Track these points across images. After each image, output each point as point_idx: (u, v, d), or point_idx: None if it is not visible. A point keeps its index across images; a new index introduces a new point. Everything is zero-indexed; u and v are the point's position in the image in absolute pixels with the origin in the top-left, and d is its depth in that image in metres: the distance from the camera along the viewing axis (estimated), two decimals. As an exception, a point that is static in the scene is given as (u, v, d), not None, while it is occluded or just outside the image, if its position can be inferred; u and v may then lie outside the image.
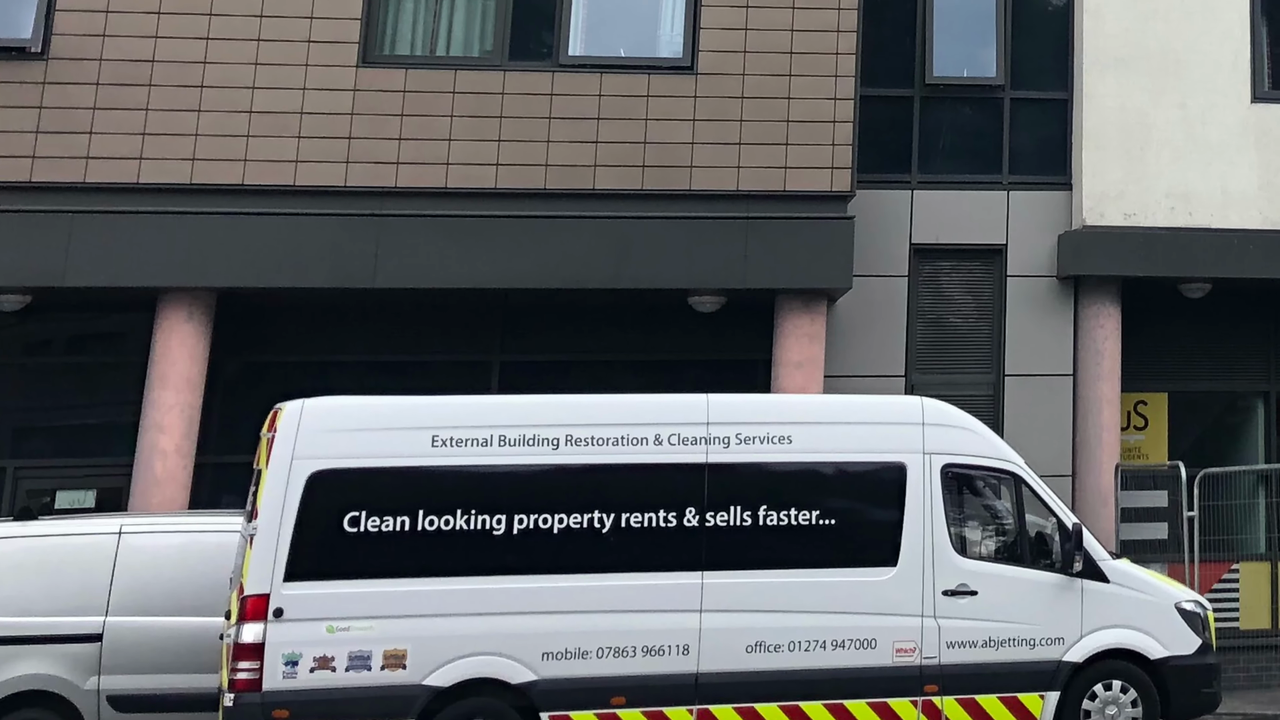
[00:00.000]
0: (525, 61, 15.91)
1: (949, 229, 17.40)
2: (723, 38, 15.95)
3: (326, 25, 15.37)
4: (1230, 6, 17.94)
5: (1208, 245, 17.27)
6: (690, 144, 15.74)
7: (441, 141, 15.33)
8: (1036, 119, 17.88)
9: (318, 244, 14.93)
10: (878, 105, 17.34)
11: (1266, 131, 17.71)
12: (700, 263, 15.57)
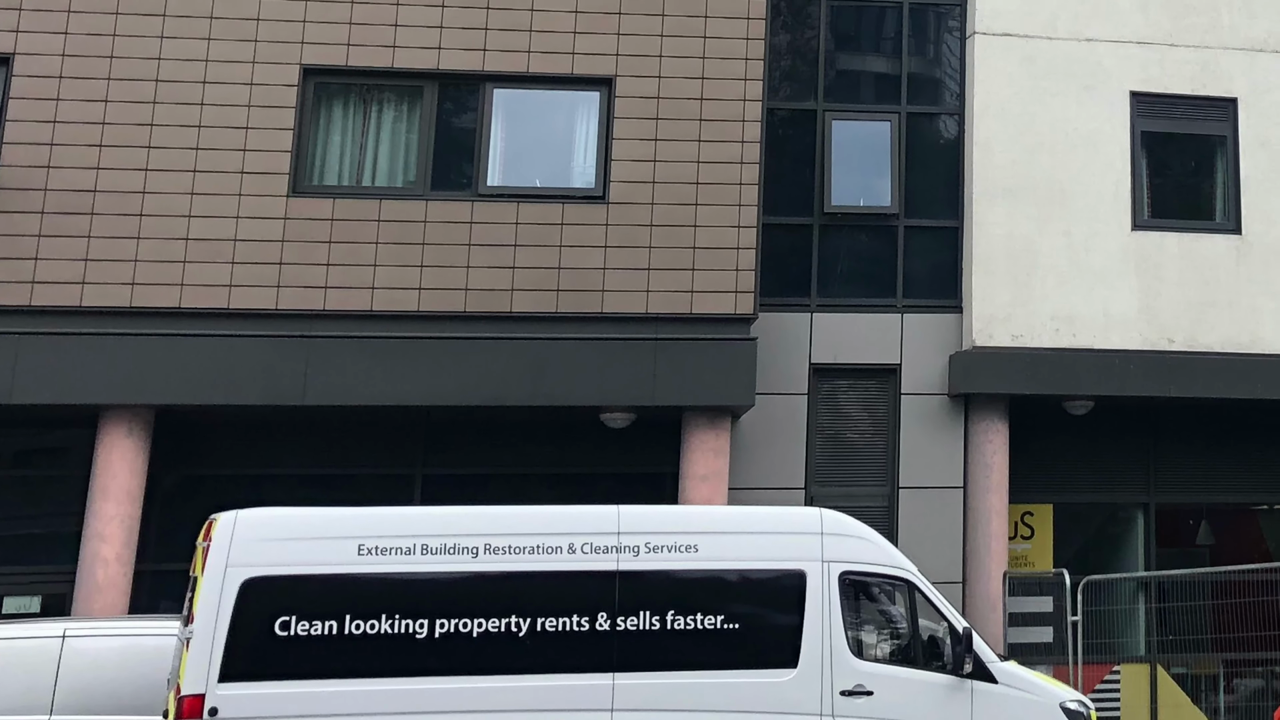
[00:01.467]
0: (446, 191, 17.22)
1: (846, 349, 18.79)
2: (633, 169, 17.31)
3: (259, 157, 16.60)
4: (1112, 140, 19.54)
5: (1091, 365, 18.75)
6: (602, 269, 16.99)
7: (367, 267, 16.56)
8: (929, 245, 19.31)
9: (250, 363, 16.12)
10: (779, 233, 18.79)
11: (1146, 258, 19.26)
12: (611, 381, 16.82)
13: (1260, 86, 20.09)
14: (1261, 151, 19.93)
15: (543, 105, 17.66)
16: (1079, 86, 19.57)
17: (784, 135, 19.24)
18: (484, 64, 17.41)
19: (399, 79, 17.39)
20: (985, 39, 19.46)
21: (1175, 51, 19.96)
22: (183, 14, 16.80)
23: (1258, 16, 20.29)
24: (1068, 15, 19.72)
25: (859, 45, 20.09)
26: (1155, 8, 20.00)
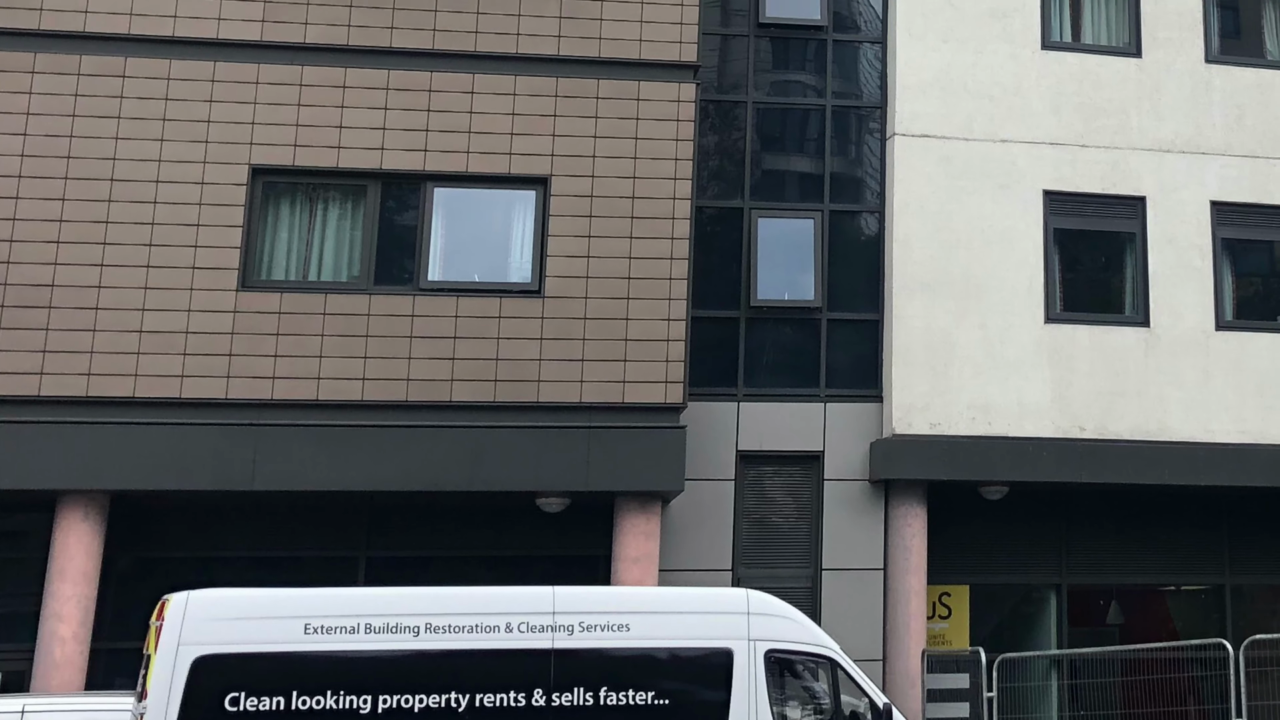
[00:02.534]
0: (389, 286, 18.41)
1: (771, 437, 20.06)
2: (567, 264, 18.56)
3: (209, 253, 17.79)
4: (1025, 236, 20.93)
5: (1005, 452, 20.06)
6: (538, 360, 18.22)
7: (313, 358, 17.76)
8: (851, 338, 20.65)
9: (201, 450, 17.25)
10: (708, 325, 20.10)
11: (1058, 349, 20.63)
12: (547, 468, 18.02)
13: (1168, 185, 21.56)
14: (1169, 248, 21.37)
15: (481, 203, 18.89)
16: (994, 185, 20.98)
17: (712, 232, 20.57)
18: (425, 164, 18.65)
19: (344, 178, 18.63)
20: (904, 140, 20.85)
21: (1086, 152, 21.41)
22: (137, 116, 18.00)
23: (1165, 119, 21.79)
24: (983, 117, 21.13)
25: (784, 146, 21.47)
26: (1067, 110, 21.45)
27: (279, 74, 18.44)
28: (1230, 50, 22.58)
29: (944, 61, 21.22)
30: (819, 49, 21.58)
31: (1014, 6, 21.67)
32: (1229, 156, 21.88)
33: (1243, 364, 21.15)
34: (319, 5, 18.77)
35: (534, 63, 19.08)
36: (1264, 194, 21.91)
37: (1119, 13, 22.28)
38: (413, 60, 18.85)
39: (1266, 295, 22.04)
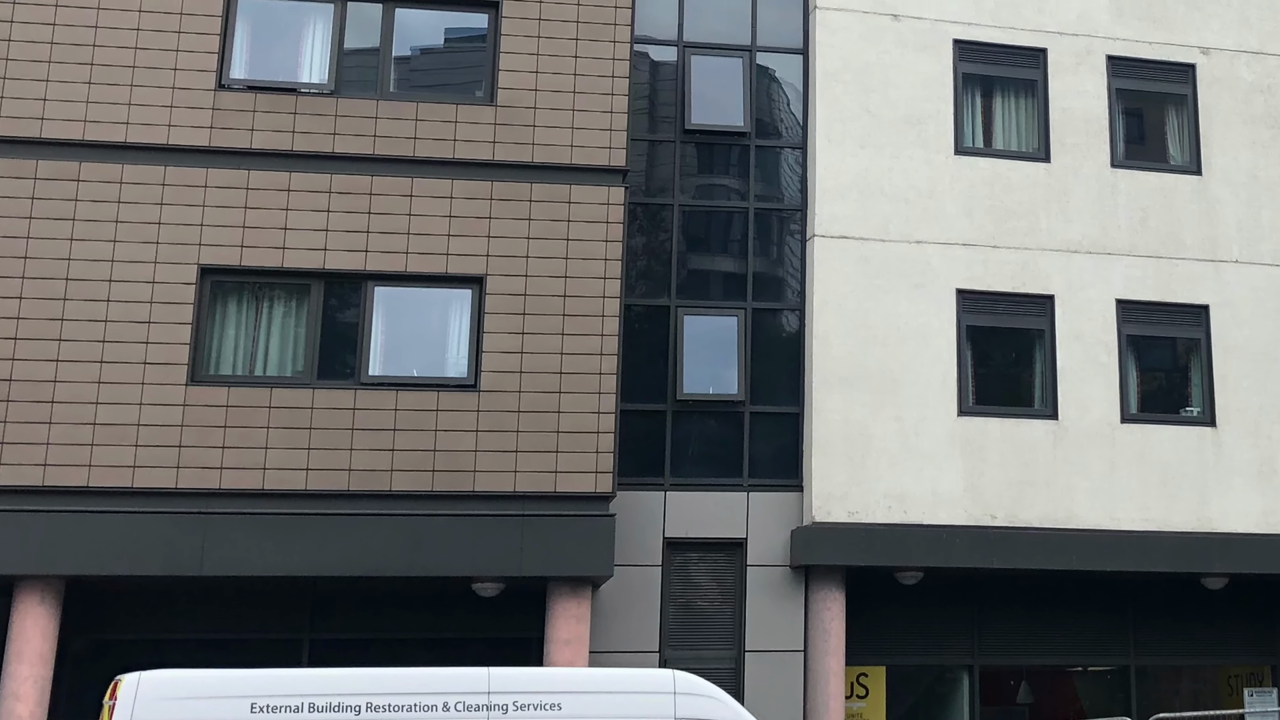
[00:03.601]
0: (332, 380, 19.83)
1: (697, 525, 21.57)
2: (502, 360, 20.01)
3: (160, 349, 19.17)
4: (939, 333, 22.54)
5: (920, 539, 21.59)
6: (474, 451, 19.61)
7: (259, 449, 19.10)
8: (773, 430, 22.15)
9: (152, 538, 18.58)
10: (636, 418, 21.60)
11: (970, 441, 22.20)
12: (482, 554, 19.39)
13: (1075, 284, 23.27)
14: (1076, 344, 23.05)
15: (420, 301, 20.35)
16: (910, 284, 22.60)
17: (640, 328, 22.11)
18: (366, 264, 20.11)
19: (288, 277, 20.07)
20: (824, 241, 22.47)
21: (998, 253, 23.10)
22: (91, 219, 19.43)
23: (1073, 221, 23.54)
24: (899, 219, 22.79)
25: (709, 247, 23.06)
26: (979, 213, 23.16)
27: (227, 178, 19.91)
28: (1135, 155, 24.42)
29: (862, 166, 22.88)
30: (742, 154, 23.23)
31: (928, 114, 23.38)
32: (1134, 257, 23.62)
33: (1147, 455, 22.80)
34: (264, 113, 20.24)
35: (470, 167, 20.60)
36: (1167, 292, 23.66)
37: (1028, 119, 24.05)
38: (354, 165, 20.33)
39: (1169, 389, 23.76)
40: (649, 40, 23.12)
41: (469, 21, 21.52)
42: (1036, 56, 24.20)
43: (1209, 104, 24.69)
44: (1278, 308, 24.01)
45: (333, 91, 20.65)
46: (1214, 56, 24.88)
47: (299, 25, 21.06)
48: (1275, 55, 25.13)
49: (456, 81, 21.44)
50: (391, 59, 21.16)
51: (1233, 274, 23.99)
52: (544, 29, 21.22)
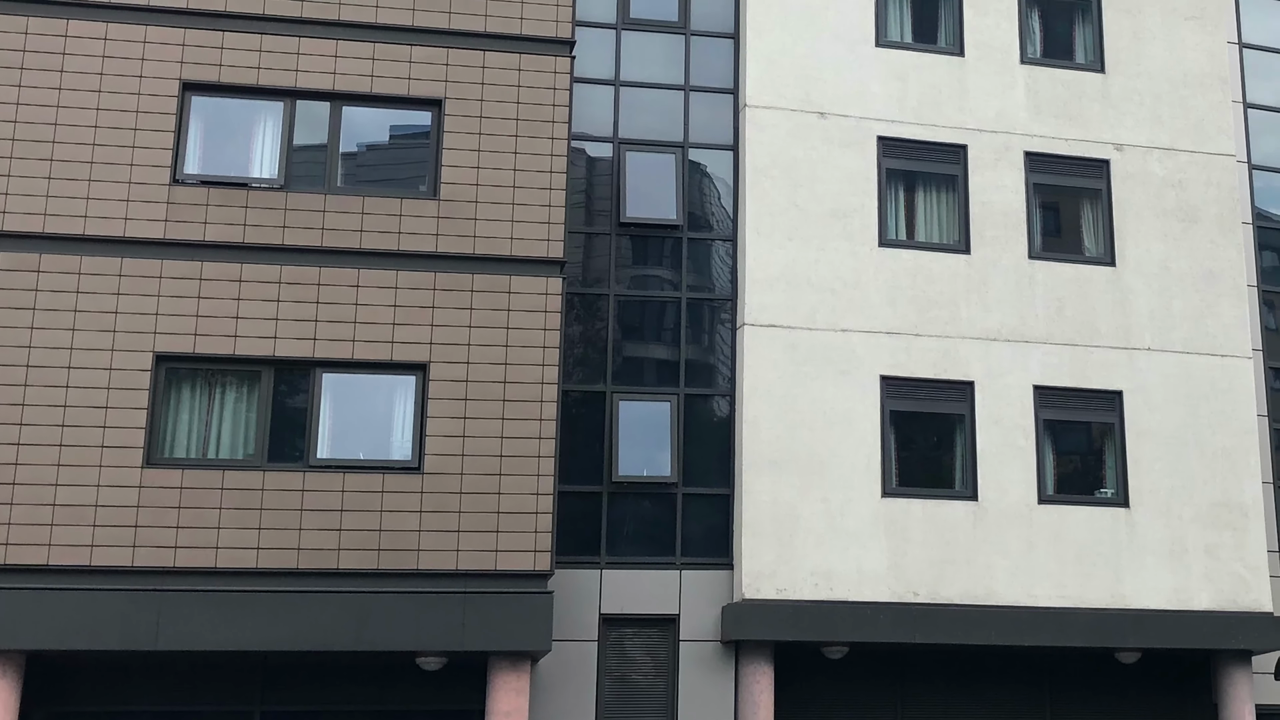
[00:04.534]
0: (281, 463, 21.16)
1: (632, 601, 23.01)
2: (445, 443, 21.39)
3: (116, 433, 20.50)
4: (864, 418, 24.08)
5: (846, 615, 23.04)
6: (418, 531, 20.97)
7: (212, 529, 20.46)
8: (704, 510, 23.63)
9: (109, 613, 19.85)
10: (573, 499, 23.04)
11: (894, 521, 23.71)
12: (426, 630, 20.72)
13: (994, 371, 24.89)
14: (995, 428, 24.63)
15: (366, 387, 21.74)
16: (836, 371, 24.16)
17: (577, 413, 23.55)
18: (314, 351, 21.52)
19: (240, 364, 21.46)
20: (753, 329, 24.01)
21: (920, 340, 24.68)
22: (50, 308, 20.79)
23: (992, 310, 25.17)
24: (825, 309, 24.37)
25: (643, 335, 24.59)
26: (903, 302, 24.76)
27: (181, 269, 21.31)
28: (1052, 247, 26.12)
29: (789, 258, 24.47)
30: (675, 246, 24.81)
31: (853, 207, 25.02)
32: (1050, 345, 25.28)
33: (1063, 534, 24.37)
34: (217, 206, 21.68)
35: (414, 258, 22.06)
36: (1082, 379, 25.31)
37: (949, 213, 25.73)
38: (303, 256, 21.76)
39: (1085, 471, 25.36)
40: (586, 137, 24.72)
41: (413, 119, 23.03)
42: (957, 152, 25.90)
43: (1123, 198, 26.44)
44: (1189, 394, 25.68)
45: (282, 186, 22.09)
46: (1127, 153, 26.66)
47: (250, 123, 22.52)
48: (1186, 151, 26.92)
49: (401, 176, 22.91)
50: (339, 155, 22.64)
51: (1145, 361, 25.67)
52: (485, 126, 22.75)
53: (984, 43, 26.50)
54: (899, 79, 25.87)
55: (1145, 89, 27.09)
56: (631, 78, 25.26)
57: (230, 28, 22.44)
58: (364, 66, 22.69)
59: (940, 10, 26.72)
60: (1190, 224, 26.59)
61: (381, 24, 22.86)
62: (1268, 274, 27.84)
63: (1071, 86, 26.74)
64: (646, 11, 25.64)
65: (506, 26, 23.20)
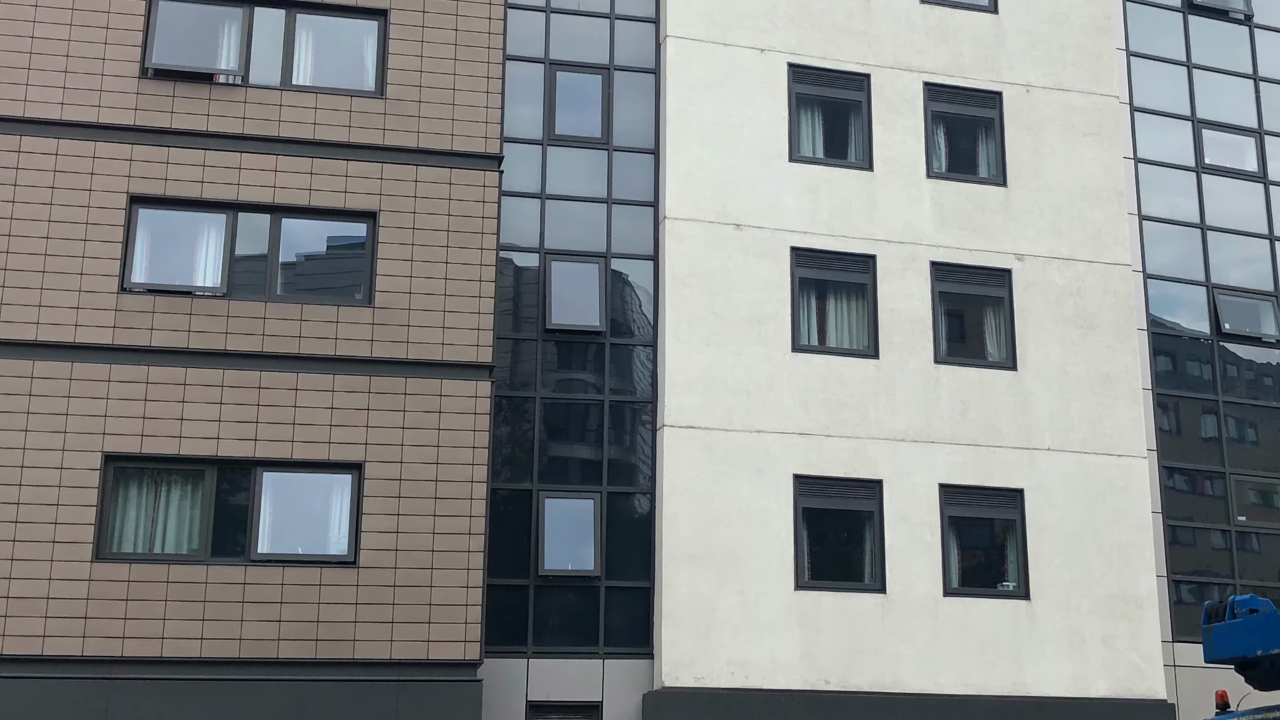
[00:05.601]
0: (224, 557, 22.83)
1: (557, 689, 24.74)
2: (379, 539, 23.09)
3: (67, 529, 22.16)
4: (778, 515, 25.90)
5: (760, 703, 24.80)
6: (354, 623, 22.62)
7: (158, 620, 22.01)
8: (626, 602, 25.33)
9: (60, 701, 21.43)
10: (502, 591, 24.71)
11: (806, 613, 25.47)
12: (361, 717, 22.33)
13: (902, 470, 26.78)
14: (903, 524, 26.50)
15: (305, 485, 23.40)
16: (751, 470, 25.98)
17: (506, 510, 25.27)
18: (255, 451, 23.18)
19: (185, 464, 23.09)
20: (673, 430, 25.81)
21: (831, 441, 26.55)
22: (4, 410, 22.37)
23: (899, 412, 27.10)
24: (741, 411, 26.22)
25: (568, 436, 26.36)
26: (815, 405, 26.65)
27: (128, 373, 22.97)
28: (956, 352, 28.14)
29: (707, 362, 26.32)
30: (598, 351, 26.63)
31: (768, 314, 26.94)
32: (955, 445, 27.22)
33: (967, 625, 26.22)
34: (163, 313, 23.36)
35: (350, 363, 23.82)
36: (985, 478, 27.26)
37: (859, 319, 27.70)
38: (244, 361, 23.47)
39: (987, 566, 27.27)
40: (514, 247, 26.57)
41: (349, 230, 24.84)
42: (867, 262, 27.91)
43: (1024, 305, 28.51)
44: (1087, 492, 27.67)
45: (225, 294, 23.81)
46: (1028, 262, 28.75)
47: (194, 234, 24.26)
48: (1084, 261, 29.04)
49: (338, 285, 24.70)
50: (279, 265, 24.41)
51: (1045, 460, 27.65)
52: (418, 237, 24.58)
53: (892, 158, 28.56)
54: (811, 192, 27.88)
55: (1045, 202, 29.24)
56: (557, 191, 27.13)
57: (175, 144, 24.22)
58: (302, 180, 24.50)
59: (850, 127, 28.80)
60: (1088, 330, 28.67)
61: (319, 140, 24.71)
62: (1161, 378, 29.88)
63: (975, 199, 28.84)
64: (571, 128, 27.55)
65: (438, 143, 25.09)
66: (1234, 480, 29.81)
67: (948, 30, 29.60)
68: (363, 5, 25.61)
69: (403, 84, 25.29)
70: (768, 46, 28.30)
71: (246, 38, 25.14)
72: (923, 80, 29.17)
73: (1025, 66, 29.88)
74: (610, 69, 27.93)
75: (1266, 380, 30.87)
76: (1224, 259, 31.13)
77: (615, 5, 28.27)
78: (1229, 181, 31.72)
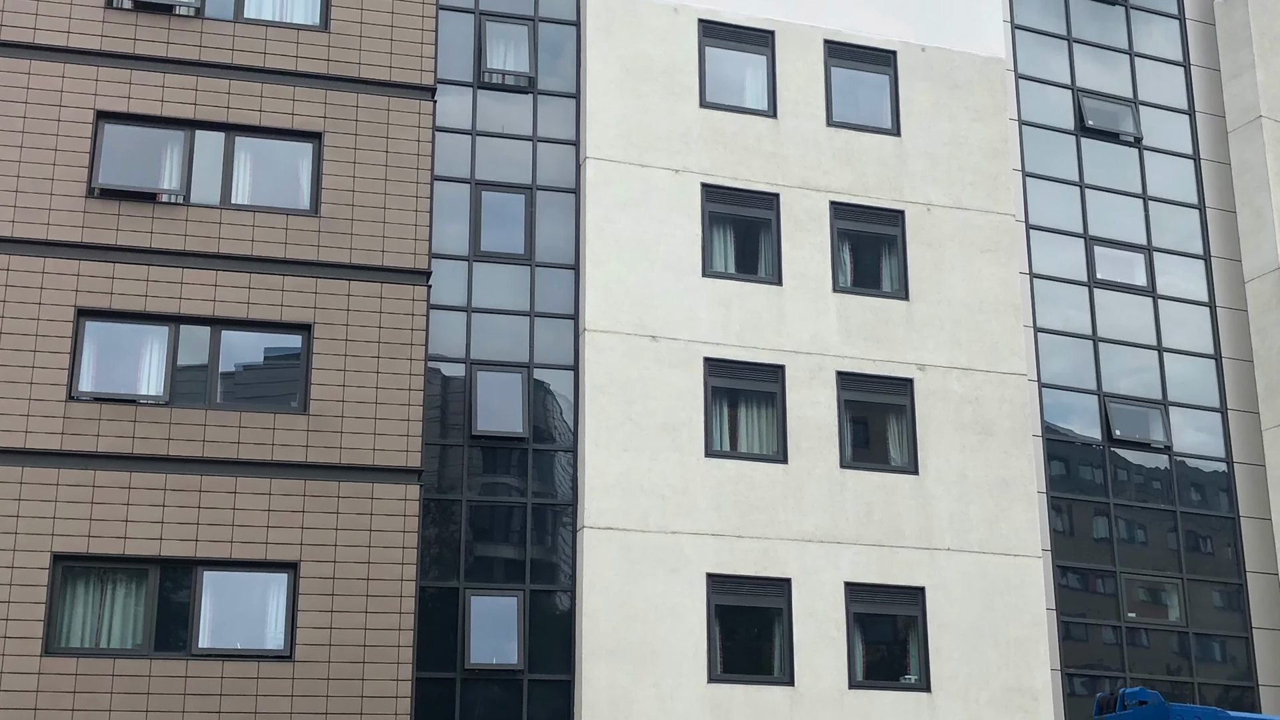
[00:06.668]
0: (167, 652, 24.42)
1: (486, 775, 26.27)
2: (314, 634, 24.77)
3: (16, 625, 23.74)
4: (692, 611, 27.75)
5: (676, 789, 26.42)
6: (289, 714, 24.31)
7: (104, 712, 23.64)
8: (548, 695, 27.13)
9: (12, 788, 22.77)
10: (430, 684, 26.53)
11: (719, 705, 27.36)
12: (298, 801, 23.87)
13: (809, 569, 28.72)
14: (810, 620, 28.43)
15: (244, 583, 25.07)
16: (666, 569, 27.83)
17: (433, 607, 26.99)
18: (196, 551, 24.84)
19: (129, 563, 24.73)
20: (592, 532, 27.66)
21: (742, 541, 28.47)
22: (-41, 512, 23.97)
23: (807, 514, 29.08)
24: (657, 513, 28.11)
25: (493, 536, 28.17)
26: (727, 507, 28.57)
27: (76, 477, 24.63)
28: (861, 457, 30.17)
29: (625, 467, 28.22)
30: (521, 456, 28.49)
31: (682, 421, 28.89)
32: (860, 545, 29.20)
33: (871, 717, 28.17)
34: (109, 420, 25.04)
35: (286, 468, 25.55)
36: (888, 576, 29.24)
37: (769, 426, 29.69)
38: (186, 465, 25.17)
39: (890, 659, 29.20)
40: (441, 358, 28.44)
41: (286, 341, 26.64)
42: (776, 372, 29.95)
43: (925, 413, 30.60)
44: (984, 589, 29.68)
45: (168, 402, 25.54)
46: (929, 372, 30.87)
47: (138, 345, 25.98)
48: (982, 371, 31.19)
49: (274, 393, 26.46)
50: (218, 374, 26.15)
51: (945, 560, 29.67)
52: (350, 349, 26.40)
53: (800, 273, 30.69)
54: (723, 305, 29.93)
55: (945, 315, 31.41)
56: (483, 305, 29.06)
57: (121, 260, 25.97)
58: (241, 295, 26.32)
59: (760, 243, 30.91)
60: (986, 436, 30.78)
61: (257, 256, 26.54)
62: (1055, 481, 32.01)
63: (879, 312, 30.98)
64: (496, 245, 29.52)
65: (369, 259, 26.98)
66: (1124, 578, 31.94)
67: (853, 152, 31.82)
68: (298, 128, 27.51)
69: (336, 203, 27.18)
70: (682, 167, 30.42)
71: (188, 159, 26.97)
72: (829, 199, 31.34)
73: (926, 186, 32.13)
74: (533, 189, 29.96)
75: (1155, 484, 33.05)
76: (1115, 369, 33.38)
77: (538, 128, 30.35)
78: (1119, 295, 34.03)
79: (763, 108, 31.49)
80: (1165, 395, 33.62)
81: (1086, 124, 34.84)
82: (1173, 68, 36.49)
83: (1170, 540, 32.76)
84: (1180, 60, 36.62)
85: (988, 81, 33.34)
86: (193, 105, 27.11)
